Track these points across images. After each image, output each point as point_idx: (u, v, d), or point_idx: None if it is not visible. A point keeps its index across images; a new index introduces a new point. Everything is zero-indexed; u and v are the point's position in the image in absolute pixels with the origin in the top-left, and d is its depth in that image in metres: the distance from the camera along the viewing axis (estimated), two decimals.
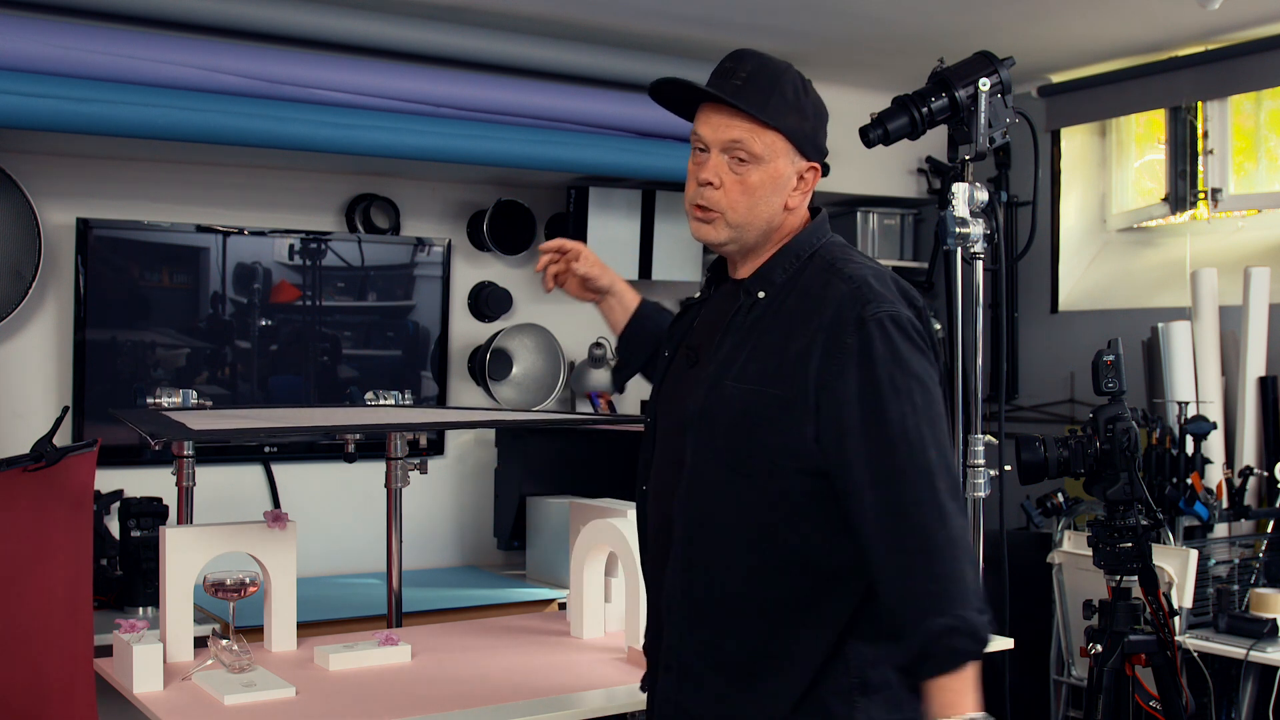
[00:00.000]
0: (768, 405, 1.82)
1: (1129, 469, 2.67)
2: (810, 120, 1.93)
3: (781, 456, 1.82)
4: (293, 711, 2.27)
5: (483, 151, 3.82)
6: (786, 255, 1.93)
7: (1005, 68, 3.09)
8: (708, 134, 1.91)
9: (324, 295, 4.21)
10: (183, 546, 2.58)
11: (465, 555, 4.47)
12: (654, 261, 4.51)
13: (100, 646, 2.68)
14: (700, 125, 1.93)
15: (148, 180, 3.97)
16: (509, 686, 2.44)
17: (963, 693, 1.72)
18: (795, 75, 1.92)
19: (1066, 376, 4.64)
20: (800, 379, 1.80)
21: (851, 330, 1.79)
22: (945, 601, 1.73)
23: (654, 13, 3.84)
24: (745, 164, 1.89)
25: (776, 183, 1.91)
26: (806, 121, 1.92)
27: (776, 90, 1.89)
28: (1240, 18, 3.87)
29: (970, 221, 3.07)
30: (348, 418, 3.18)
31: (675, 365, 2.02)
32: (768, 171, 1.90)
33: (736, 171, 1.90)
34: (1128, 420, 2.69)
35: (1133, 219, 4.77)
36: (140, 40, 3.38)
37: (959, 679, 1.72)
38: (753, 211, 1.91)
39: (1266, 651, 3.36)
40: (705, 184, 1.90)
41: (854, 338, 1.79)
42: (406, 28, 3.77)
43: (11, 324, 3.72)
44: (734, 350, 1.88)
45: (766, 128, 1.88)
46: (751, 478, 1.84)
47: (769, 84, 1.90)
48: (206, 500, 3.37)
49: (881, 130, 3.14)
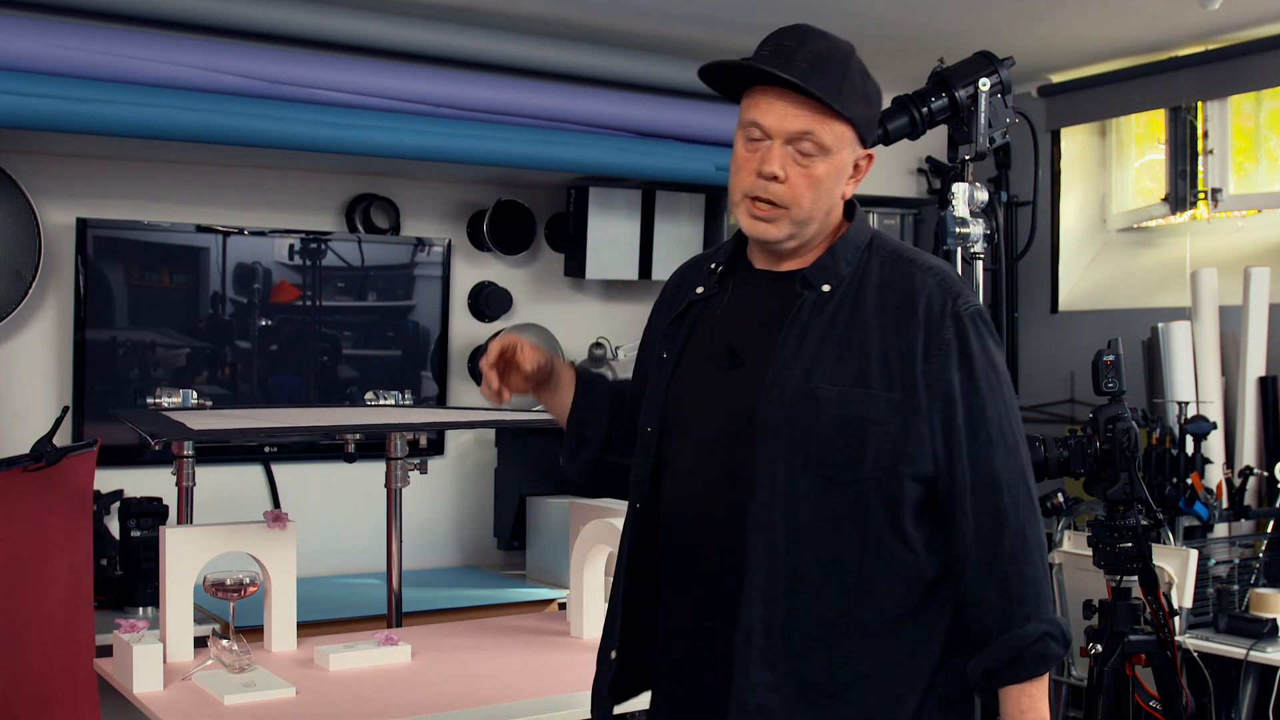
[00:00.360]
0: (878, 408, 1.68)
1: (1129, 469, 2.67)
2: (874, 107, 1.79)
3: (897, 462, 1.69)
4: (293, 711, 2.27)
5: (483, 151, 3.82)
6: (847, 246, 1.78)
7: (1005, 68, 3.09)
8: (771, 122, 1.72)
9: (324, 295, 4.21)
10: (183, 546, 2.58)
11: (465, 555, 4.47)
12: (654, 261, 4.51)
13: (100, 646, 2.69)
14: (759, 111, 1.73)
15: (148, 180, 3.97)
16: (509, 686, 2.44)
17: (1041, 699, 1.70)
18: (858, 56, 1.76)
19: (1066, 376, 4.63)
20: (909, 379, 1.69)
21: (949, 325, 1.71)
22: (1036, 605, 1.69)
23: (654, 13, 3.84)
24: (811, 156, 1.72)
25: (840, 174, 1.75)
26: (871, 109, 1.78)
27: (847, 76, 1.72)
28: (1240, 18, 3.86)
29: (970, 221, 3.07)
30: (348, 418, 3.18)
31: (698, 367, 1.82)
32: (834, 164, 1.74)
33: (802, 164, 1.72)
34: (1128, 420, 2.68)
35: (1133, 219, 4.77)
36: (140, 40, 3.38)
37: (1038, 684, 1.70)
38: (816, 206, 1.74)
39: (1266, 651, 3.36)
40: (770, 178, 1.72)
41: (951, 333, 1.71)
42: (406, 28, 3.77)
43: (11, 324, 3.72)
44: (815, 349, 1.72)
45: (838, 118, 1.72)
46: (855, 486, 1.69)
47: (840, 68, 1.72)
48: (206, 500, 3.37)
49: (881, 130, 3.14)
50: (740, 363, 1.77)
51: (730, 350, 1.79)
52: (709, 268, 1.89)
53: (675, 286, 1.95)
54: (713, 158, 4.20)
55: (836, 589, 1.70)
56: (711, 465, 1.77)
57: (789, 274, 1.80)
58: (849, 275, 1.76)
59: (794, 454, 1.69)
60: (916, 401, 1.69)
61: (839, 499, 1.69)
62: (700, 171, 4.19)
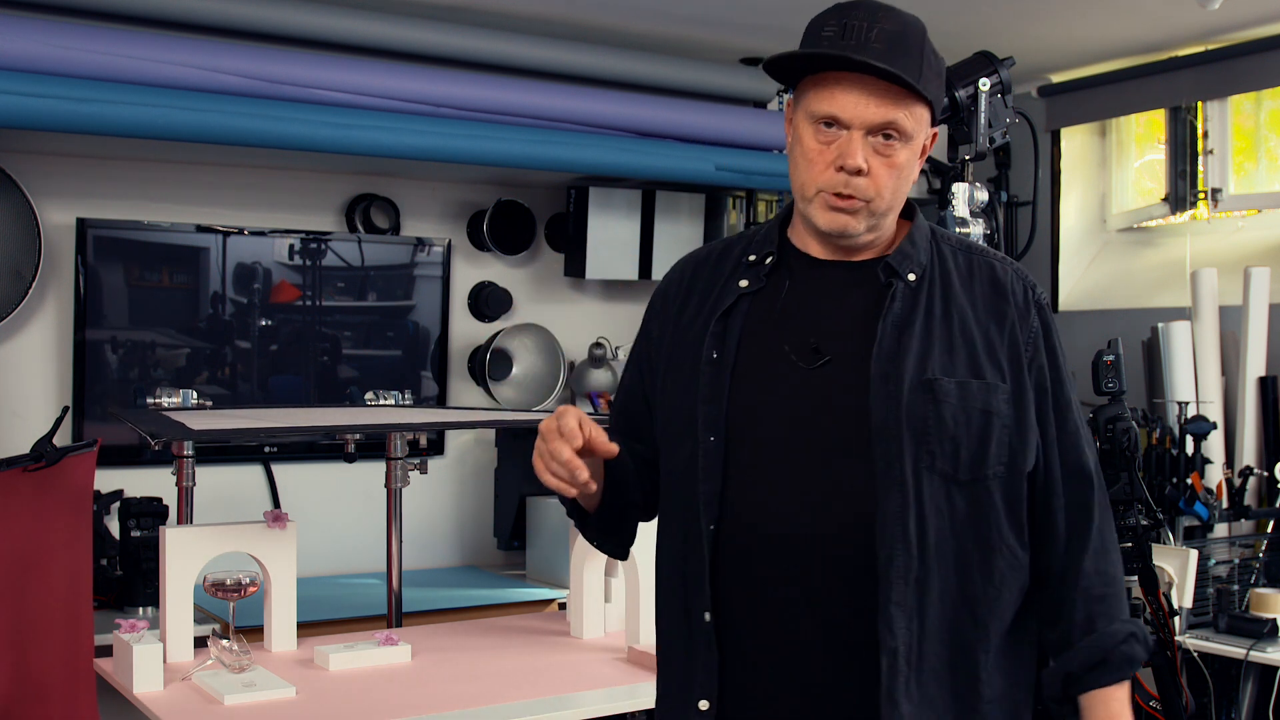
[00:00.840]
0: (997, 399, 1.59)
1: (1129, 469, 2.67)
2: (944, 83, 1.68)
3: (1015, 456, 1.60)
4: (293, 711, 2.27)
5: (483, 151, 3.82)
6: (921, 233, 1.68)
7: (1005, 68, 3.09)
8: (849, 113, 1.57)
9: (324, 295, 4.21)
10: (183, 546, 2.58)
11: (465, 555, 4.47)
12: (654, 262, 4.51)
13: (100, 646, 2.68)
14: (833, 103, 1.57)
15: (148, 180, 3.96)
16: (509, 686, 2.44)
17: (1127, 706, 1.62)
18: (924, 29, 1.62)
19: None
20: (1015, 368, 1.62)
21: (1033, 314, 1.66)
22: (1119, 605, 1.62)
23: (654, 13, 3.84)
24: (893, 142, 1.58)
25: (916, 158, 1.63)
26: (943, 84, 1.66)
27: (922, 54, 1.58)
28: (1240, 18, 3.86)
29: (970, 221, 3.07)
30: (348, 418, 3.18)
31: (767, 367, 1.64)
32: (913, 149, 1.61)
33: (883, 153, 1.58)
34: (1128, 420, 2.69)
35: (1133, 219, 4.77)
36: (140, 40, 3.38)
37: (1123, 689, 1.62)
38: (896, 195, 1.62)
39: (1266, 651, 3.36)
40: (855, 172, 1.57)
41: (1037, 321, 1.66)
42: (406, 28, 3.77)
43: (11, 324, 3.72)
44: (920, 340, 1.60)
45: (919, 100, 1.58)
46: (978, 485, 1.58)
47: (918, 46, 1.58)
48: (206, 500, 3.37)
49: None
50: (826, 359, 1.61)
51: (813, 347, 1.62)
52: (746, 260, 1.71)
53: (684, 285, 1.76)
54: (713, 158, 4.20)
55: (961, 600, 1.58)
56: (810, 474, 1.59)
57: (864, 263, 1.66)
58: (928, 264, 1.66)
59: (918, 453, 1.56)
60: (1023, 391, 1.62)
61: (961, 499, 1.58)
62: (700, 171, 4.19)
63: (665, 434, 1.72)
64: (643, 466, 1.77)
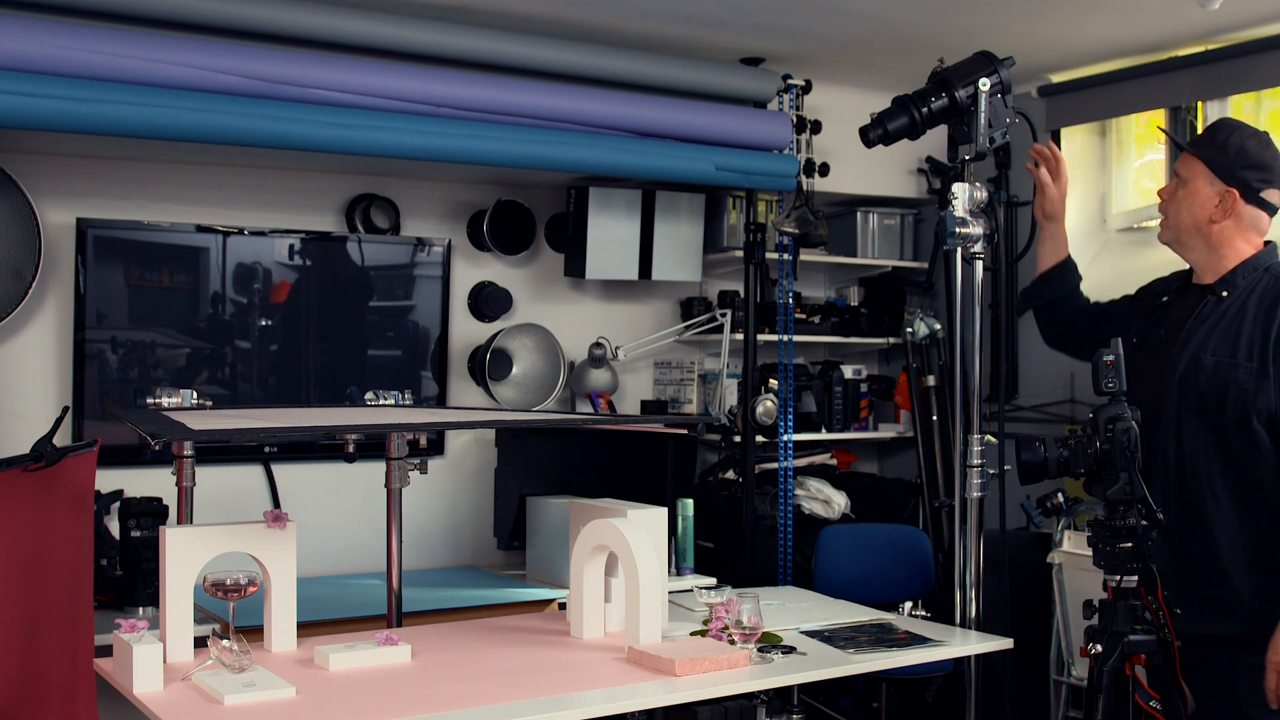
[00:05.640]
0: (1238, 373, 2.73)
1: (1129, 469, 2.67)
2: (1226, 154, 2.86)
3: (1249, 412, 2.72)
4: (293, 711, 2.27)
5: (483, 151, 3.82)
6: (1248, 267, 2.84)
7: (1005, 68, 3.09)
8: None
9: (324, 295, 4.21)
10: (183, 546, 2.58)
11: (465, 555, 4.48)
12: (654, 262, 4.51)
13: (100, 646, 2.68)
14: None
15: (148, 180, 3.97)
16: (509, 686, 2.44)
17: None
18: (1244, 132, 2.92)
19: (1067, 376, 4.64)
20: (1264, 354, 2.72)
21: None
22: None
23: (654, 13, 3.85)
24: None
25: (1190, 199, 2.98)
26: (1221, 154, 2.86)
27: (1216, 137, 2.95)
28: (1240, 18, 3.87)
29: (970, 221, 3.07)
30: (348, 418, 3.18)
31: (1145, 346, 2.95)
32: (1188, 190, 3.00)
33: None
34: (1128, 420, 2.68)
35: (1133, 219, 4.77)
36: (140, 40, 3.38)
37: None
38: None
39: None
40: None
41: None
42: (406, 28, 3.77)
43: (11, 324, 3.72)
44: (1207, 334, 2.78)
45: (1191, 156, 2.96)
46: (1219, 428, 2.76)
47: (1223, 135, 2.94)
48: (206, 500, 3.38)
49: (881, 130, 3.15)
50: (1167, 343, 2.88)
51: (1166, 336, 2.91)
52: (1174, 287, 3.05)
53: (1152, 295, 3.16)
54: (713, 158, 4.19)
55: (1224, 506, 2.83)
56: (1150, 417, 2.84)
57: (1207, 285, 2.88)
58: (1244, 287, 2.82)
59: (1184, 404, 2.81)
60: (1266, 369, 2.71)
61: (1211, 436, 2.77)
62: (700, 171, 4.19)
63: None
64: (1067, 306, 3.37)
